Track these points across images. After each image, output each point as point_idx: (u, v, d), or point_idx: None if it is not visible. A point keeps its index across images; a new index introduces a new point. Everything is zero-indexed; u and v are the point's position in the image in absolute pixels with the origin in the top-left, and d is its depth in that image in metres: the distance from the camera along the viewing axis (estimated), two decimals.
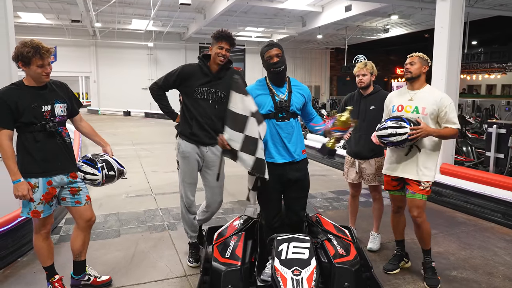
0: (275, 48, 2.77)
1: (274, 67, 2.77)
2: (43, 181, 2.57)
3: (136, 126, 15.74)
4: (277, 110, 2.79)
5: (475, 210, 4.65)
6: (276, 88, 2.84)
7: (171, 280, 3.10)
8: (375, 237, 3.73)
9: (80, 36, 20.73)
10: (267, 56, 2.78)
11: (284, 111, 2.79)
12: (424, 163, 2.97)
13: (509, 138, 5.34)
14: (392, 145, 2.93)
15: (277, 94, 2.82)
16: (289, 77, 2.93)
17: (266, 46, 2.81)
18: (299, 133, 2.87)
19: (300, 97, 2.87)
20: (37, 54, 2.43)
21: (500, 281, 3.10)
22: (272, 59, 2.76)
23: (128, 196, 5.43)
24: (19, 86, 2.53)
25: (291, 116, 2.82)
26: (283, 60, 2.79)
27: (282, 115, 2.79)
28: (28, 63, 2.45)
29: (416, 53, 3.10)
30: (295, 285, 2.21)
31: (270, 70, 2.80)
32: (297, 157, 2.83)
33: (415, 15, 15.38)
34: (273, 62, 2.76)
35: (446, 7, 5.63)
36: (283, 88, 2.85)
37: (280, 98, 2.80)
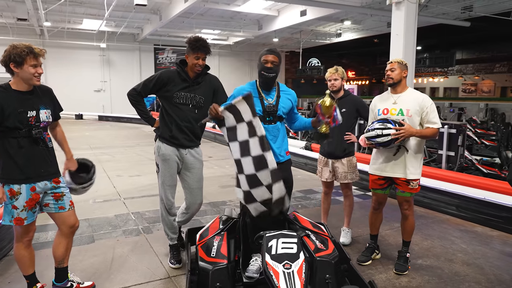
0: (273, 55, 2.87)
1: (266, 71, 2.87)
2: (26, 187, 2.52)
3: (90, 129, 15.22)
4: (265, 114, 2.90)
5: (432, 204, 5.04)
6: (265, 92, 2.96)
7: (155, 282, 3.12)
8: (347, 232, 3.96)
9: (26, 36, 19.59)
10: (264, 60, 2.88)
11: (272, 115, 2.92)
12: (411, 163, 3.20)
13: (459, 137, 5.83)
14: (380, 146, 3.12)
15: (266, 98, 2.94)
16: (278, 82, 3.06)
17: (267, 50, 2.91)
18: (284, 135, 3.02)
19: (287, 102, 3.01)
20: (31, 54, 2.42)
21: (459, 266, 3.43)
22: (267, 64, 2.87)
23: (95, 202, 5.30)
24: (6, 89, 2.47)
25: (277, 119, 2.95)
26: (276, 68, 2.89)
27: (269, 118, 2.92)
28: (21, 63, 2.42)
29: (395, 58, 3.34)
30: (287, 278, 2.34)
31: (262, 73, 2.89)
32: (281, 158, 2.97)
33: (365, 21, 16.13)
34: (267, 67, 2.87)
35: (401, 16, 6.05)
36: (271, 93, 2.98)
37: (268, 102, 2.93)
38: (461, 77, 25.81)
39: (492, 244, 3.87)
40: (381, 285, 3.06)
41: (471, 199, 4.57)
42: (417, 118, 3.17)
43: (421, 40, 19.66)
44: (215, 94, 3.33)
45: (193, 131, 3.28)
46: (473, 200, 4.55)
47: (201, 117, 3.25)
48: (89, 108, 20.75)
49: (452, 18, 14.89)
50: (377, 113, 3.31)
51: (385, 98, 3.35)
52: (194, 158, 3.35)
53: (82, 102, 20.86)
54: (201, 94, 3.24)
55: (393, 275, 3.25)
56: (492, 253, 3.67)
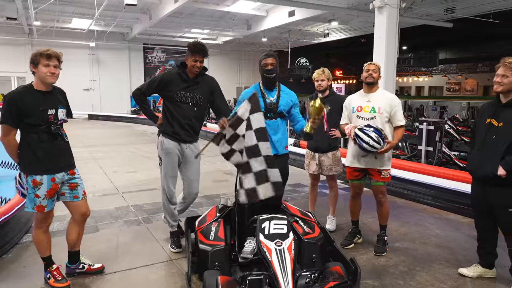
0: (271, 58, 3.36)
1: (267, 73, 3.35)
2: (47, 178, 2.81)
3: (82, 128, 15.34)
4: (266, 110, 3.31)
5: (411, 195, 5.44)
6: (267, 91, 3.40)
7: (159, 264, 3.44)
8: (332, 220, 4.33)
9: (14, 34, 19.59)
10: (264, 64, 3.35)
11: (272, 112, 3.33)
12: (382, 155, 3.58)
13: (437, 133, 6.25)
14: (359, 147, 3.45)
15: (267, 97, 3.36)
16: (279, 83, 3.48)
17: (265, 55, 3.39)
18: (284, 131, 3.42)
19: (287, 101, 3.44)
20: (44, 55, 2.73)
21: (432, 248, 3.82)
22: (267, 66, 3.33)
23: (95, 196, 5.57)
24: (29, 89, 2.78)
25: (278, 116, 3.38)
26: (275, 69, 3.34)
27: (270, 114, 3.34)
28: (37, 64, 2.74)
29: (374, 61, 3.69)
30: (279, 254, 2.68)
31: (264, 75, 3.37)
32: (280, 151, 3.36)
33: (352, 21, 16.57)
34: (268, 69, 3.32)
35: (383, 20, 6.43)
36: (273, 92, 3.42)
37: (270, 100, 3.33)
38: (445, 76, 26.51)
39: (463, 229, 4.27)
40: (362, 265, 3.41)
41: (446, 190, 4.98)
42: (386, 115, 3.56)
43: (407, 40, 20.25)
44: (213, 94, 3.66)
45: (193, 127, 3.62)
46: (447, 190, 4.96)
47: (200, 114, 3.63)
48: (78, 107, 20.67)
49: (436, 19, 15.41)
50: (352, 110, 3.68)
51: (359, 96, 3.73)
52: (193, 152, 3.68)
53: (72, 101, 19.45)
54: (200, 93, 3.57)
55: (373, 256, 3.62)
56: (462, 237, 4.07)
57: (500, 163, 2.87)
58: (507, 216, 2.95)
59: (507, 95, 2.95)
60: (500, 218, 3.03)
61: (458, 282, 3.14)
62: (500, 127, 2.93)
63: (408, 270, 3.33)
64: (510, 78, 2.88)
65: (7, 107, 2.70)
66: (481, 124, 3.10)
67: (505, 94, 2.95)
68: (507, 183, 2.89)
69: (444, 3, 13.46)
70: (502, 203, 2.95)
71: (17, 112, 2.69)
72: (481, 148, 3.04)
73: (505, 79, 2.89)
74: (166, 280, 3.18)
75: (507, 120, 2.91)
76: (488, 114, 3.05)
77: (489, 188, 3.01)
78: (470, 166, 3.25)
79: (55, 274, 3.01)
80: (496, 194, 2.98)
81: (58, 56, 2.79)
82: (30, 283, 3.07)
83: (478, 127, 3.17)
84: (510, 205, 2.92)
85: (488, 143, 2.99)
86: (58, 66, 2.81)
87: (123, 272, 3.28)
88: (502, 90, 2.93)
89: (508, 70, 2.88)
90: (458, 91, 26.21)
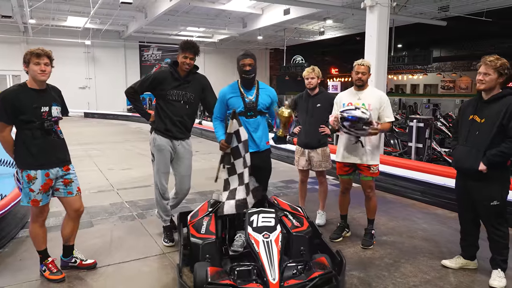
0: (249, 58, 3.36)
1: (246, 74, 3.36)
2: (41, 173, 2.90)
3: (77, 126, 15.40)
4: (246, 109, 3.37)
5: (400, 191, 5.56)
6: (245, 90, 3.42)
7: (151, 257, 3.53)
8: (321, 215, 4.43)
9: (9, 32, 19.54)
10: (242, 64, 3.36)
11: (252, 110, 3.38)
12: (370, 150, 3.69)
13: (426, 130, 6.36)
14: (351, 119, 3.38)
15: (246, 96, 3.40)
16: (258, 81, 3.52)
17: (242, 55, 3.39)
18: (264, 127, 3.48)
19: (266, 98, 3.46)
20: (34, 54, 2.83)
21: (418, 241, 3.94)
22: (245, 67, 3.34)
23: (90, 192, 5.66)
24: (23, 87, 2.88)
25: (258, 114, 3.42)
26: (254, 69, 3.37)
27: (250, 113, 3.39)
28: (28, 63, 2.84)
29: (364, 61, 3.71)
30: (266, 246, 2.78)
31: (242, 75, 3.38)
32: (261, 147, 3.44)
33: (347, 19, 16.64)
34: (246, 70, 3.34)
35: (374, 19, 6.53)
36: (251, 91, 3.44)
37: (249, 99, 3.38)
38: (440, 74, 26.66)
39: (449, 224, 4.39)
40: (349, 257, 3.52)
41: (434, 185, 5.10)
42: (376, 112, 3.66)
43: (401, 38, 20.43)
44: (204, 91, 3.76)
45: (185, 124, 3.71)
46: (436, 186, 5.07)
47: (191, 112, 3.73)
48: (74, 105, 20.68)
49: (429, 17, 15.52)
50: (342, 106, 3.77)
51: (350, 94, 3.83)
52: (185, 149, 3.77)
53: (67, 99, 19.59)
54: (191, 91, 3.66)
55: (360, 249, 3.73)
56: (448, 231, 4.19)
57: (481, 159, 2.98)
58: (488, 209, 3.06)
59: (488, 92, 3.05)
60: (481, 212, 3.14)
61: (441, 273, 3.25)
62: (482, 123, 3.04)
63: (393, 262, 3.44)
64: (491, 76, 2.98)
65: (2, 104, 2.79)
66: (465, 120, 3.20)
67: (487, 91, 3.05)
68: (488, 178, 3.00)
69: (438, 1, 13.56)
70: (483, 197, 3.06)
71: (12, 109, 2.78)
72: (464, 143, 3.14)
73: (487, 77, 2.99)
74: (158, 272, 3.27)
75: (488, 117, 3.01)
76: (471, 110, 3.15)
77: (472, 182, 3.12)
78: (455, 162, 3.35)
79: (51, 266, 3.10)
80: (477, 188, 3.08)
81: (48, 54, 2.89)
82: (26, 275, 3.16)
83: (461, 123, 3.27)
84: (490, 199, 3.03)
85: (471, 139, 3.09)
86: (48, 63, 2.90)
87: (116, 265, 3.37)
88: (484, 88, 3.03)
89: (489, 68, 2.98)
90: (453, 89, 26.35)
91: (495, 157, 2.93)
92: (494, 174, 3.00)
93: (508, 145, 2.91)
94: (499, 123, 2.94)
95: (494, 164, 2.94)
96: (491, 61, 2.98)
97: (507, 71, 2.98)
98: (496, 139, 2.95)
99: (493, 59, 2.98)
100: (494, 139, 2.96)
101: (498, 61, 2.96)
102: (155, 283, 3.10)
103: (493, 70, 2.96)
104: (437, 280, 3.13)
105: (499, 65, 2.95)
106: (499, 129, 2.94)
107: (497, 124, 2.94)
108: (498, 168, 2.99)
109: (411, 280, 3.13)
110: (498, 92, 3.02)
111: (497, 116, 2.95)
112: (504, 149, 2.91)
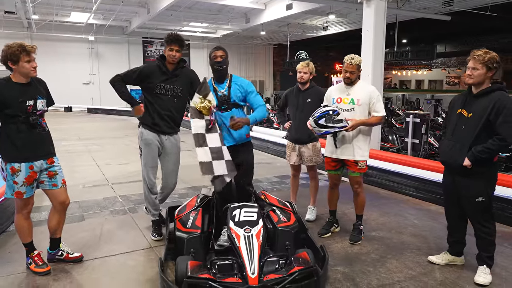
0: (220, 51, 3.43)
1: (216, 65, 3.42)
2: (25, 166, 2.92)
3: (80, 121, 15.50)
4: (219, 103, 3.41)
5: (394, 186, 5.53)
6: (218, 84, 3.48)
7: (139, 251, 3.55)
8: (312, 210, 4.42)
9: (13, 28, 19.62)
10: (213, 56, 3.42)
11: (225, 104, 3.41)
12: (358, 146, 3.68)
13: (422, 126, 6.31)
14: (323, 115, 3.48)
15: (218, 90, 3.45)
16: (231, 74, 3.55)
17: (214, 48, 3.46)
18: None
19: (239, 90, 3.48)
20: (24, 52, 2.81)
21: (407, 237, 3.92)
22: (216, 58, 3.40)
23: (85, 187, 5.69)
24: (7, 81, 2.88)
25: (233, 106, 3.45)
26: (225, 61, 3.41)
27: (224, 107, 3.41)
28: (17, 61, 2.82)
29: (354, 60, 3.65)
30: (247, 240, 2.78)
31: (214, 67, 3.44)
32: (240, 141, 3.47)
33: (351, 14, 16.51)
34: (217, 61, 3.40)
35: (371, 13, 6.47)
36: (223, 84, 3.48)
37: (221, 93, 3.42)
38: (444, 69, 26.42)
39: (440, 219, 4.33)
40: (335, 252, 3.51)
41: (428, 181, 5.06)
42: (366, 106, 3.64)
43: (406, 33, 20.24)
44: (192, 85, 3.74)
45: (173, 118, 3.71)
46: (429, 182, 5.03)
47: (180, 105, 3.71)
48: (78, 101, 20.93)
49: (433, 12, 15.37)
50: (332, 101, 3.76)
51: (339, 89, 3.80)
52: (172, 144, 3.78)
53: (71, 95, 20.95)
54: (179, 85, 3.66)
55: (347, 245, 3.72)
56: (438, 227, 4.15)
57: (467, 154, 2.94)
58: (473, 206, 3.03)
59: (477, 87, 3.01)
60: (467, 208, 3.11)
61: (426, 269, 3.23)
62: (469, 118, 3.00)
63: (380, 258, 3.43)
64: (479, 71, 2.94)
65: None
66: (453, 114, 3.17)
67: (476, 85, 3.01)
68: (474, 173, 2.97)
69: None
70: (468, 193, 3.03)
71: None
72: (451, 138, 3.11)
73: (475, 72, 2.95)
74: (144, 266, 3.29)
75: (476, 111, 2.97)
76: (460, 104, 3.12)
77: (458, 178, 3.09)
78: (441, 156, 3.32)
79: (36, 259, 3.12)
80: (463, 184, 3.06)
81: (34, 49, 2.89)
82: (14, 268, 3.19)
83: (449, 117, 3.24)
84: (476, 195, 3.00)
85: (457, 133, 3.06)
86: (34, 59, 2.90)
87: (103, 258, 3.39)
88: (472, 82, 3.00)
89: (478, 63, 2.94)
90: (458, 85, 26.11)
91: (481, 153, 2.89)
92: (480, 170, 2.97)
93: (495, 142, 2.87)
94: (485, 118, 2.90)
95: (479, 161, 2.91)
96: (479, 55, 2.94)
97: (496, 65, 2.93)
98: (482, 135, 2.92)
99: (481, 53, 2.94)
100: (480, 135, 2.92)
101: (487, 55, 2.92)
102: (140, 276, 3.12)
103: (481, 64, 2.92)
104: (422, 276, 3.11)
105: (487, 59, 2.91)
106: (485, 124, 2.91)
107: (484, 119, 2.91)
108: (484, 164, 2.96)
109: (396, 275, 3.12)
110: (487, 86, 2.98)
111: (484, 111, 2.92)
112: (491, 145, 2.87)
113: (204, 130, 3.29)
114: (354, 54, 3.75)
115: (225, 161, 3.31)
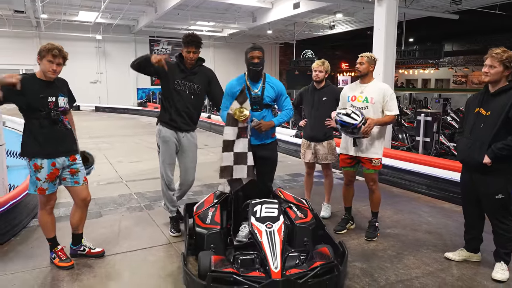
0: (258, 51, 3.37)
1: (254, 66, 3.37)
2: (47, 162, 2.99)
3: (88, 120, 15.59)
4: (252, 102, 3.38)
5: (407, 184, 5.55)
6: (252, 83, 3.44)
7: (158, 247, 3.61)
8: (327, 207, 4.46)
9: (22, 27, 19.80)
10: (250, 56, 3.37)
11: (258, 104, 3.40)
12: (372, 144, 3.71)
13: (434, 124, 6.32)
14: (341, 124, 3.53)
15: (252, 89, 3.42)
16: (265, 73, 3.52)
17: (251, 48, 3.39)
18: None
19: (272, 92, 3.47)
20: (50, 52, 2.90)
21: (422, 234, 3.95)
22: (253, 59, 3.35)
23: (99, 184, 5.76)
24: (32, 76, 2.98)
25: (264, 107, 3.44)
26: (262, 62, 3.38)
27: (256, 107, 3.41)
28: (42, 57, 2.91)
29: (366, 53, 3.75)
30: (269, 235, 2.83)
31: (250, 68, 3.39)
32: (266, 140, 3.47)
33: (358, 13, 16.50)
34: (254, 62, 3.35)
35: (382, 12, 6.48)
36: (258, 83, 3.45)
37: (254, 93, 3.40)
38: (451, 68, 26.30)
39: (455, 217, 4.37)
40: (352, 249, 3.55)
41: (440, 179, 5.08)
42: (379, 105, 3.67)
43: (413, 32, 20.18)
44: (210, 84, 3.80)
45: (190, 115, 3.76)
46: (442, 180, 5.05)
47: (197, 103, 3.78)
48: (85, 100, 21.00)
49: (441, 11, 15.32)
50: (347, 99, 3.79)
51: (354, 87, 3.84)
52: (189, 141, 3.83)
53: (79, 94, 20.26)
54: (197, 82, 3.71)
55: (363, 241, 3.75)
56: (453, 224, 4.18)
57: (486, 152, 2.97)
58: (492, 203, 3.06)
59: (494, 85, 3.03)
60: (486, 205, 3.14)
61: (443, 265, 3.26)
62: (487, 116, 3.03)
63: (396, 254, 3.46)
64: (497, 69, 2.96)
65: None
66: (470, 113, 3.19)
67: (493, 84, 3.04)
68: (494, 171, 2.99)
69: None
70: (488, 190, 3.06)
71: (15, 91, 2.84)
72: (469, 136, 3.13)
73: (492, 70, 2.98)
74: (164, 261, 3.35)
75: (494, 109, 2.99)
76: (477, 103, 3.14)
77: (477, 175, 3.11)
78: (459, 154, 3.34)
79: (60, 254, 3.19)
80: (482, 181, 3.08)
81: (64, 56, 2.98)
82: (37, 262, 3.26)
83: (467, 116, 3.26)
84: (495, 192, 3.02)
85: (475, 132, 3.08)
86: (61, 64, 3.00)
87: (123, 254, 3.45)
88: (489, 80, 3.02)
89: (495, 61, 2.96)
90: (465, 84, 25.99)
91: (501, 150, 2.91)
92: (500, 167, 2.99)
93: None
94: (504, 116, 2.92)
95: (499, 158, 2.93)
96: (497, 53, 2.97)
97: None
98: (501, 132, 2.94)
99: (499, 52, 2.97)
100: (499, 132, 2.95)
101: (505, 54, 2.95)
102: (160, 271, 3.17)
103: (498, 62, 2.94)
104: (440, 272, 3.15)
105: (505, 57, 2.93)
106: (504, 122, 2.93)
107: (503, 117, 2.93)
108: (504, 161, 2.98)
109: (414, 271, 3.15)
110: (504, 84, 3.01)
111: (502, 108, 2.94)
112: (511, 142, 2.90)
113: (235, 137, 3.32)
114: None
115: (247, 166, 3.35)
